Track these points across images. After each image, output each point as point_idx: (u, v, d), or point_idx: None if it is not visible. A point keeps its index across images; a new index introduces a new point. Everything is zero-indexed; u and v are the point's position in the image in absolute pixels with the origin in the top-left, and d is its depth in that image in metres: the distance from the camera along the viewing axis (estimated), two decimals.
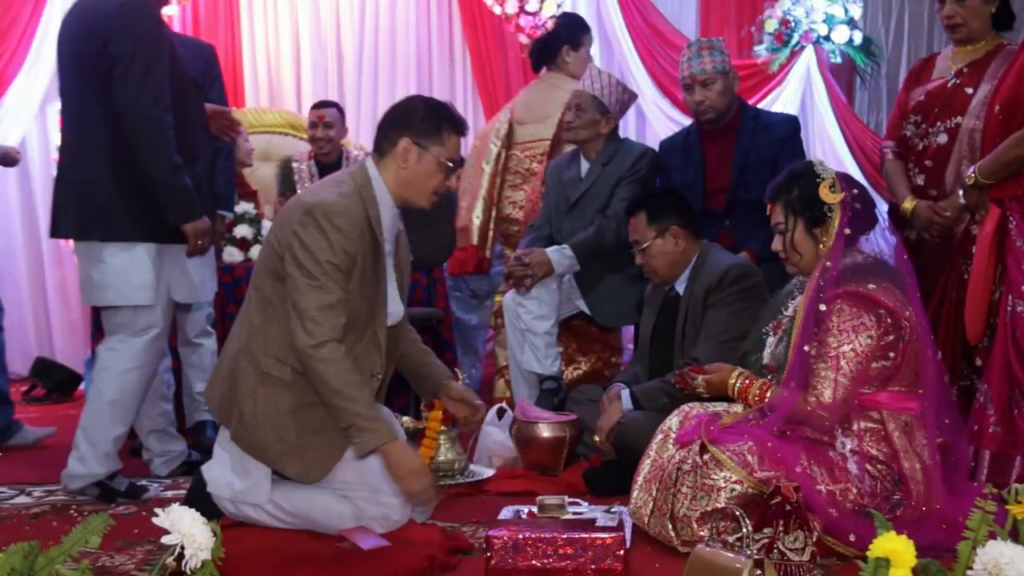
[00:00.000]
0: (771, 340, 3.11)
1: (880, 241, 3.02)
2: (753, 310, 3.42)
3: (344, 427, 2.89)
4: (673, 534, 2.84)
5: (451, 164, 3.06)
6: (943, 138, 3.68)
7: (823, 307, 2.86)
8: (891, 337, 2.86)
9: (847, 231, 2.95)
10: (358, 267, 2.94)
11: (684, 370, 3.25)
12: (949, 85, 3.68)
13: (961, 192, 3.57)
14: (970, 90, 3.64)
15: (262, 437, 2.93)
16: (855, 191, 3.00)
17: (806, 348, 2.86)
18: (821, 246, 2.98)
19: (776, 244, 3.08)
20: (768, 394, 2.98)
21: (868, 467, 2.85)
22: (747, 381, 3.05)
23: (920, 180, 3.75)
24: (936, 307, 3.68)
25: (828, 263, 2.92)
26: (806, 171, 3.04)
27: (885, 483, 2.85)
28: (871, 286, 2.86)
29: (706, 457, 2.83)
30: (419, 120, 3.03)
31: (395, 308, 3.14)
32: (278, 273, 2.94)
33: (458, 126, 3.08)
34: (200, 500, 2.98)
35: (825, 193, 2.97)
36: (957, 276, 3.66)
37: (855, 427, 2.89)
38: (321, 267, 2.85)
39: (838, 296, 2.86)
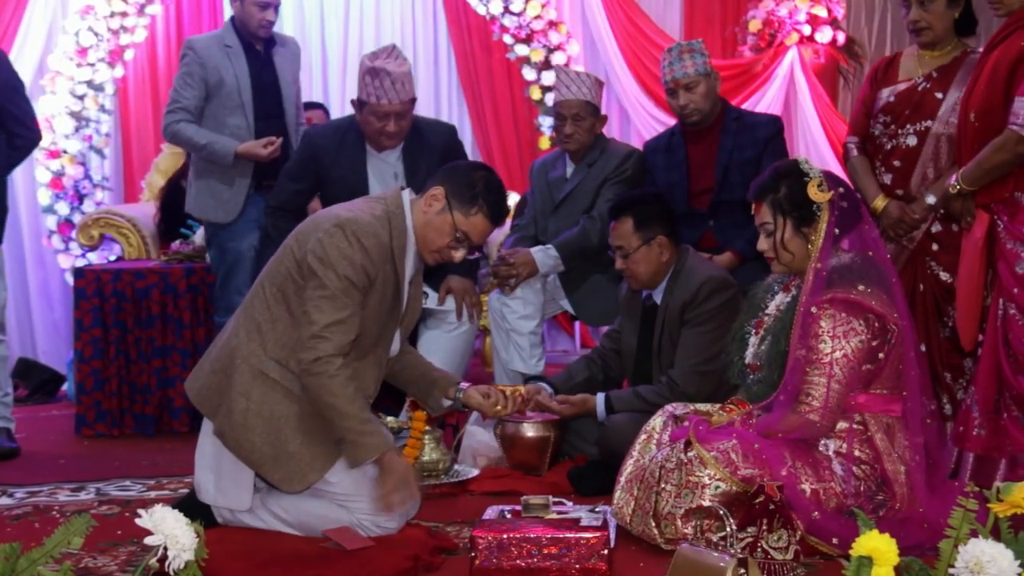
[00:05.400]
0: (753, 340, 3.11)
1: (864, 239, 3.02)
2: (729, 326, 3.43)
3: (338, 438, 2.93)
4: (656, 532, 2.84)
5: (461, 236, 3.04)
6: (912, 140, 3.73)
7: (815, 310, 2.86)
8: (877, 341, 2.87)
9: (836, 230, 2.94)
10: (376, 291, 2.96)
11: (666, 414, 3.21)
12: (920, 89, 3.72)
13: (932, 197, 3.61)
14: (940, 95, 3.69)
15: (252, 438, 2.92)
16: (841, 189, 2.99)
17: (799, 353, 2.86)
18: (810, 245, 2.97)
19: (762, 244, 3.06)
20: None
21: (853, 468, 2.85)
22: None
23: (887, 179, 3.79)
24: (906, 303, 3.71)
25: (818, 265, 2.91)
26: (793, 169, 3.02)
27: (869, 484, 2.86)
28: (861, 287, 2.86)
29: (691, 455, 2.84)
30: (463, 182, 3.04)
31: (395, 346, 3.17)
32: (293, 276, 2.94)
33: (495, 213, 3.07)
34: (194, 506, 2.97)
35: (814, 192, 2.94)
36: (927, 275, 3.69)
37: (836, 428, 2.89)
38: (339, 281, 2.86)
39: (827, 301, 2.86)
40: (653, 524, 2.85)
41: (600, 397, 3.67)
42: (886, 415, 2.90)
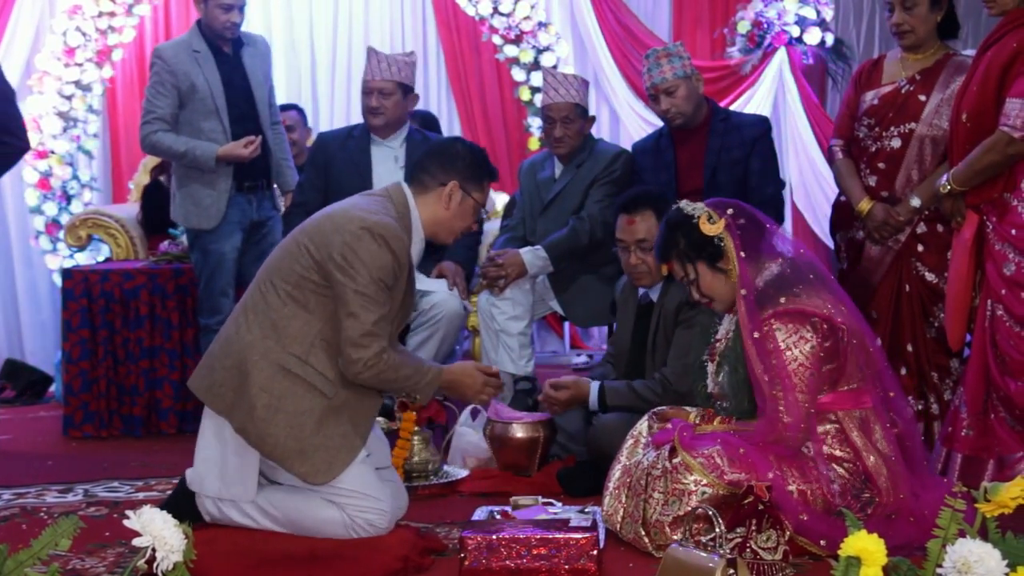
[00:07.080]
0: (710, 368, 3.12)
1: (779, 243, 3.02)
2: None
3: (404, 395, 3.26)
4: (647, 540, 2.85)
5: (481, 208, 3.23)
6: (896, 142, 3.75)
7: (757, 334, 2.87)
8: (830, 342, 2.87)
9: (742, 254, 2.95)
10: (397, 290, 3.03)
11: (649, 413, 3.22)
12: (903, 91, 3.74)
13: (916, 199, 3.63)
14: (923, 97, 3.71)
15: (275, 432, 2.92)
16: (730, 211, 3.00)
17: (764, 378, 2.86)
18: (730, 276, 2.98)
19: (693, 295, 3.08)
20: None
21: (836, 467, 2.86)
22: (702, 421, 3.06)
23: (872, 181, 3.82)
24: (893, 304, 3.73)
25: (743, 291, 2.92)
26: (679, 217, 3.05)
27: (854, 481, 2.87)
28: (797, 294, 2.87)
29: (676, 461, 2.84)
30: (466, 165, 3.16)
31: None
32: (311, 277, 2.97)
33: (495, 175, 3.29)
34: (181, 503, 2.96)
35: (706, 227, 2.97)
36: (913, 276, 3.70)
37: (815, 431, 2.90)
38: (375, 283, 2.93)
39: (770, 318, 2.87)
40: (643, 532, 2.85)
41: (595, 384, 3.67)
42: (858, 409, 2.91)
